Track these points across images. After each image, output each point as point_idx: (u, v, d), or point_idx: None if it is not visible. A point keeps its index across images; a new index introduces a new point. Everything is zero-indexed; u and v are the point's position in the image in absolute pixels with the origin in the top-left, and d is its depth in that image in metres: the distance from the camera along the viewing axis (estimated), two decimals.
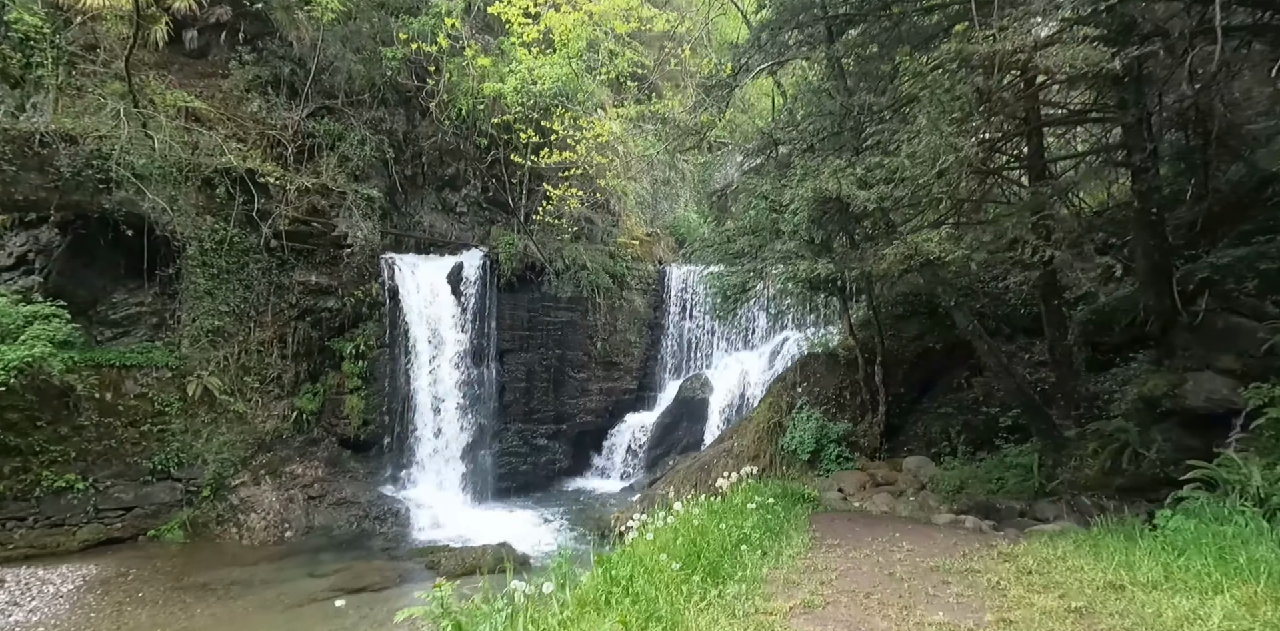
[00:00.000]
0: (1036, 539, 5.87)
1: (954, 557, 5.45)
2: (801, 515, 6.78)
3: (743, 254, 8.30)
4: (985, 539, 6.23)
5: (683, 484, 12.95)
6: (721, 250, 8.96)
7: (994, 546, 5.83)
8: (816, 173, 6.11)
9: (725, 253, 8.88)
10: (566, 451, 17.61)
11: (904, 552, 5.71)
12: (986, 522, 7.00)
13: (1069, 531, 6.05)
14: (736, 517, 5.54)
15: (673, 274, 19.80)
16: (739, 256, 8.49)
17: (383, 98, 15.54)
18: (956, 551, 5.69)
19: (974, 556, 5.48)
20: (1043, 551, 5.44)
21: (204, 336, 12.40)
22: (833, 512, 7.26)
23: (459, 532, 12.90)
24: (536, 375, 16.73)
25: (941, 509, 8.46)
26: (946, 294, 8.17)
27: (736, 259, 8.61)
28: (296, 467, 13.07)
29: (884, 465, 11.90)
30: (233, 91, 14.31)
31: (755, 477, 7.38)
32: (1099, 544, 5.37)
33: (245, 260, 12.84)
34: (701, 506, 5.78)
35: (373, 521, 12.84)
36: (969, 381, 13.45)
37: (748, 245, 8.01)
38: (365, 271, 13.94)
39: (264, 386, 13.06)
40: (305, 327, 13.45)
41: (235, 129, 13.83)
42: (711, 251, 9.24)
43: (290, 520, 12.33)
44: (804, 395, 13.05)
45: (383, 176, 15.53)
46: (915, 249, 5.65)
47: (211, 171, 12.33)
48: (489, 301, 15.76)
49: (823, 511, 7.26)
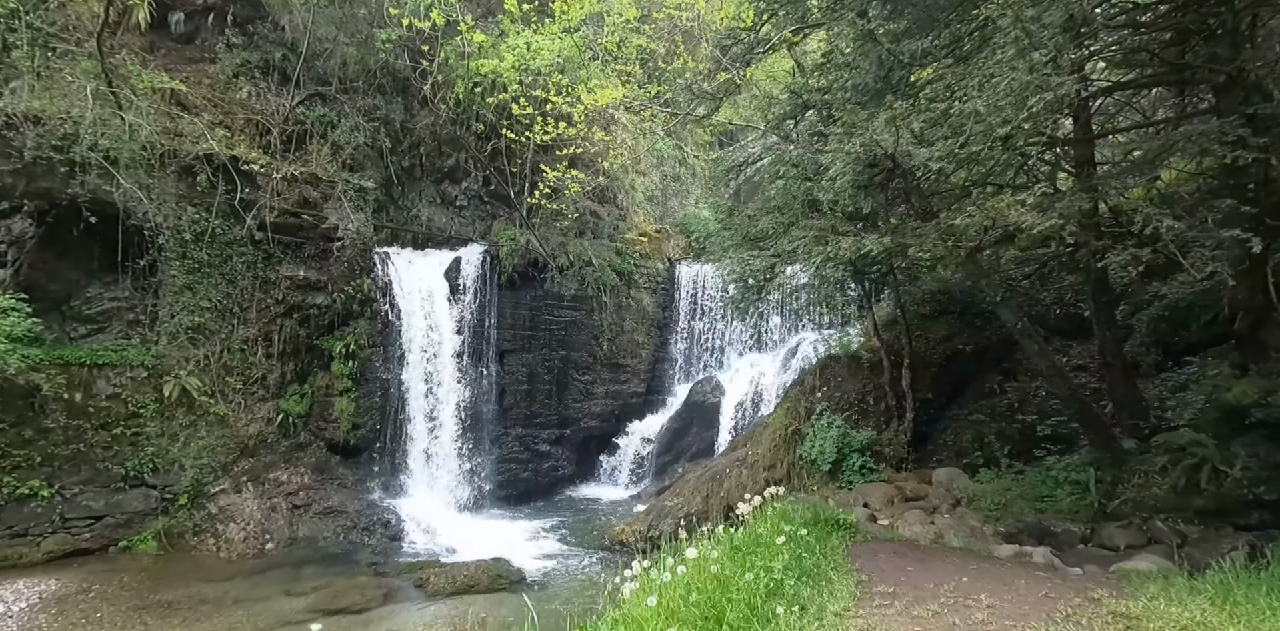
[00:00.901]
0: (1139, 584, 4.77)
1: (1055, 622, 4.36)
2: (838, 548, 5.74)
3: (766, 236, 7.31)
4: (1075, 585, 5.19)
5: (692, 495, 12.07)
6: (741, 233, 7.92)
7: (1096, 599, 4.72)
8: (865, 126, 5.15)
9: (745, 236, 7.83)
10: (570, 457, 16.75)
11: (984, 611, 4.58)
12: (1046, 550, 5.98)
13: (1171, 574, 5.02)
14: (764, 556, 4.56)
15: (683, 272, 18.93)
16: (761, 239, 7.48)
17: (379, 85, 14.79)
18: (1053, 610, 4.59)
19: (1080, 618, 4.37)
20: (1169, 612, 4.28)
21: (183, 334, 11.64)
22: (873, 542, 6.24)
23: (453, 545, 12.05)
24: (539, 377, 15.88)
25: (986, 530, 7.51)
26: (991, 289, 7.26)
27: (758, 243, 7.59)
28: (281, 474, 12.27)
29: (912, 477, 10.96)
30: (220, 77, 13.58)
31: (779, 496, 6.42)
32: (1232, 596, 4.28)
33: (228, 253, 12.07)
34: (720, 543, 4.80)
35: (361, 532, 12.02)
36: (1001, 386, 12.50)
37: (773, 225, 7.04)
38: (357, 266, 13.15)
39: (247, 387, 12.28)
40: (292, 325, 12.66)
41: (221, 115, 13.11)
42: (729, 235, 8.17)
43: (272, 531, 11.52)
44: (824, 400, 12.13)
45: (378, 167, 14.77)
46: (995, 217, 4.70)
47: (192, 158, 11.58)
48: (489, 299, 14.95)
49: (861, 540, 6.29)
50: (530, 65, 11.56)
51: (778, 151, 6.57)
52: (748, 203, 8.55)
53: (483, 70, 11.91)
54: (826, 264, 5.82)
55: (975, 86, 4.50)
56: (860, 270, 7.16)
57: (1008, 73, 4.20)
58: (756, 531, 5.32)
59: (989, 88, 4.34)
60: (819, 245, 5.76)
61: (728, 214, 7.73)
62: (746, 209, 8.19)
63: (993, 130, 4.39)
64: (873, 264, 6.62)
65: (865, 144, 5.01)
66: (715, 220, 10.29)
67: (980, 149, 4.55)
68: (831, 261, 5.80)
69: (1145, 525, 6.49)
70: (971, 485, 9.95)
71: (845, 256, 5.92)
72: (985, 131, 4.44)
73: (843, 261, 5.91)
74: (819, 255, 5.66)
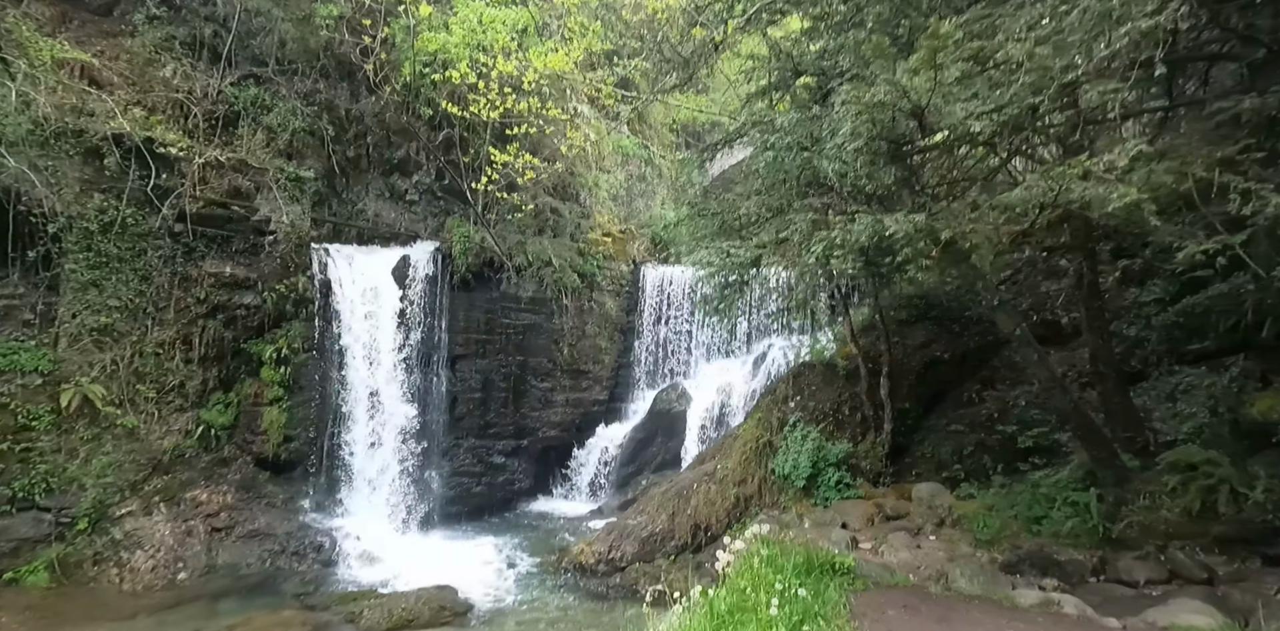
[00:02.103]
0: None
1: None
2: (840, 603, 4.83)
3: (751, 223, 6.36)
4: None
5: (657, 512, 11.21)
6: (719, 220, 6.90)
7: None
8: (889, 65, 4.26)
9: (724, 223, 6.82)
10: (527, 470, 15.72)
11: None
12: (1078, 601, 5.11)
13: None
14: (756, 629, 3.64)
15: (648, 274, 18.12)
16: (744, 227, 6.52)
17: (321, 67, 13.63)
18: None
19: None
20: None
21: (86, 336, 10.32)
22: (876, 591, 5.37)
23: (396, 570, 10.95)
24: (494, 384, 14.84)
25: (981, 557, 6.82)
26: (988, 292, 6.61)
27: (739, 232, 6.62)
28: (200, 493, 11.01)
29: (891, 493, 10.29)
30: (140, 52, 12.26)
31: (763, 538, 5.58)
32: None
33: (142, 246, 10.80)
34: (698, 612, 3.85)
35: (290, 558, 10.83)
36: (980, 395, 11.97)
37: (759, 210, 6.10)
38: (291, 263, 11.98)
39: (162, 396, 10.99)
40: (216, 327, 11.42)
41: (139, 94, 11.79)
42: (705, 223, 7.11)
43: (186, 558, 10.27)
44: (798, 410, 11.41)
45: (319, 157, 13.58)
46: (1059, 189, 3.91)
47: (99, 139, 10.31)
48: (440, 300, 13.88)
49: (862, 588, 5.45)
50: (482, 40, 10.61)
51: (765, 120, 5.68)
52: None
53: (430, 48, 10.90)
54: (831, 254, 4.88)
55: (1024, 27, 3.75)
56: (873, 261, 6.22)
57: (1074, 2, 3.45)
58: (741, 588, 4.43)
59: (1045, 26, 3.60)
60: (820, 230, 4.87)
61: (702, 195, 6.73)
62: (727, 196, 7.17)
63: (1047, 78, 3.61)
64: (888, 254, 5.75)
65: (890, 93, 4.13)
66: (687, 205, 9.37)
67: (1028, 104, 3.77)
68: (840, 249, 4.85)
69: (1163, 555, 5.89)
70: (955, 502, 9.31)
71: (859, 242, 4.97)
72: (1038, 80, 3.67)
73: (853, 250, 4.99)
74: (820, 242, 4.74)
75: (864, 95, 4.15)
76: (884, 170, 4.66)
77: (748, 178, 6.63)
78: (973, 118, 4.06)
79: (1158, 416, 9.24)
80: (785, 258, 5.39)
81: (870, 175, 4.71)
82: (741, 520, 10.82)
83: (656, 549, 10.83)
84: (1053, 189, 3.84)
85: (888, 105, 4.16)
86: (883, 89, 4.14)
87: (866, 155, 4.50)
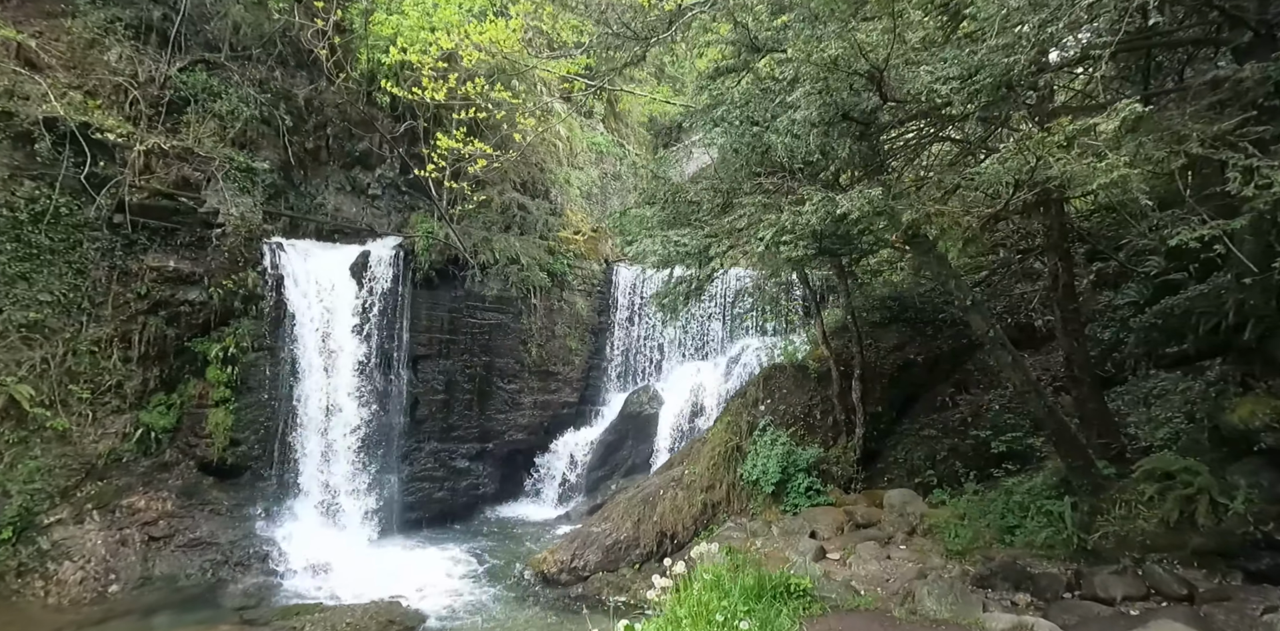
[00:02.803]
0: None
1: None
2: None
3: (701, 209, 5.80)
4: None
5: (622, 519, 10.82)
6: (671, 208, 6.30)
7: None
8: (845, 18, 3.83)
9: (676, 212, 6.24)
10: (493, 474, 15.23)
11: None
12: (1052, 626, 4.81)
13: None
14: None
15: (621, 274, 17.76)
16: (698, 215, 5.97)
17: (279, 55, 13.06)
18: None
19: None
20: None
21: (14, 332, 9.67)
22: (835, 615, 4.97)
23: (346, 581, 10.43)
24: (458, 386, 14.34)
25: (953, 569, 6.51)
26: (961, 291, 6.31)
27: (690, 219, 6.07)
28: (138, 500, 10.39)
29: (862, 499, 10.00)
30: (83, 34, 11.61)
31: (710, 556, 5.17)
32: None
33: (78, 237, 10.17)
34: None
35: (233, 568, 10.26)
36: (953, 399, 11.76)
37: (710, 195, 5.60)
38: (241, 257, 11.39)
39: (98, 397, 10.36)
40: (158, 324, 10.80)
41: (79, 78, 11.16)
42: (653, 212, 6.40)
43: (119, 569, 9.65)
44: (768, 414, 11.09)
45: (276, 148, 13.00)
46: (1036, 163, 3.49)
47: (30, 123, 9.69)
48: (402, 298, 13.35)
49: (819, 613, 5.04)
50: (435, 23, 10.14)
51: (716, 92, 5.23)
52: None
53: (385, 32, 10.42)
54: (781, 241, 4.38)
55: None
56: (829, 249, 5.67)
57: None
58: (677, 619, 4.01)
59: None
60: (769, 213, 4.40)
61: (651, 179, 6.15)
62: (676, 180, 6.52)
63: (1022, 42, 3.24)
64: (846, 242, 5.28)
65: (844, 50, 3.69)
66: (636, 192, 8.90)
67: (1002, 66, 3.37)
68: (790, 235, 4.40)
69: (1140, 569, 5.62)
70: (927, 509, 9.04)
71: (810, 226, 4.38)
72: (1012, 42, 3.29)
73: (805, 235, 4.54)
74: (770, 228, 4.27)
75: (814, 52, 3.71)
76: (839, 143, 4.21)
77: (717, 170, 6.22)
78: (939, 82, 3.66)
79: (1132, 421, 9.04)
80: (738, 247, 4.95)
81: (824, 150, 4.26)
82: (709, 527, 10.47)
83: (621, 557, 10.43)
84: (1028, 162, 3.46)
85: (842, 67, 3.73)
86: (835, 45, 3.71)
87: (820, 127, 4.07)
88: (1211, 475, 5.58)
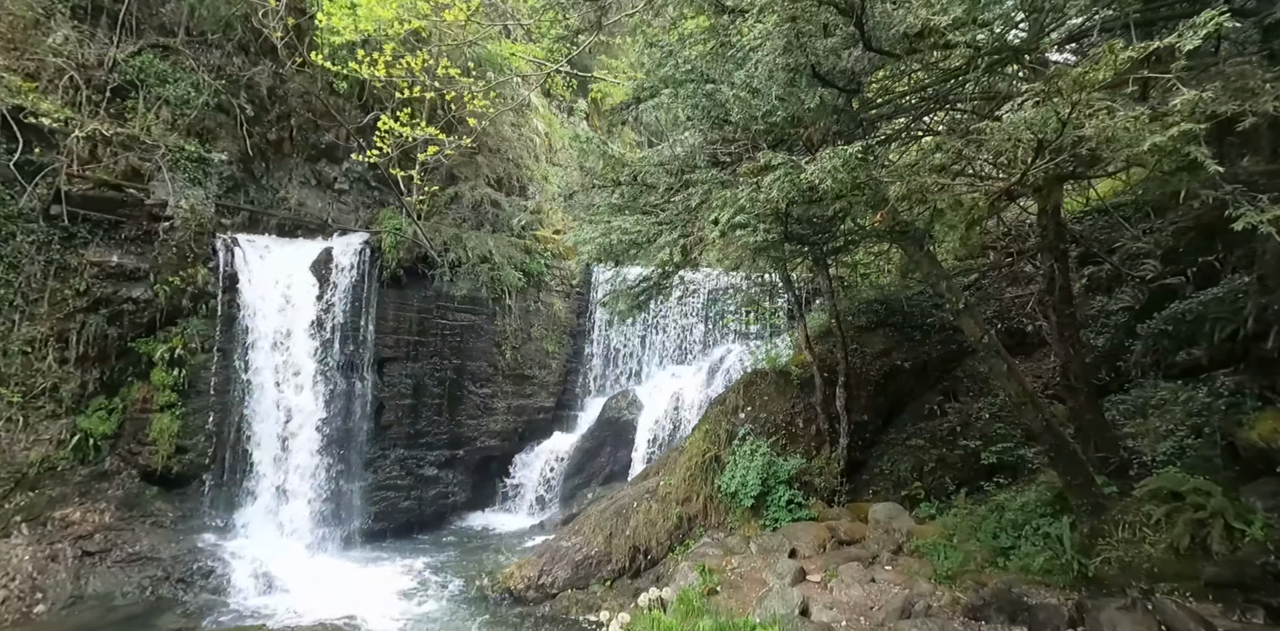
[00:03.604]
0: None
1: None
2: None
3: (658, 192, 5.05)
4: None
5: (594, 533, 10.24)
6: (624, 196, 5.44)
7: None
8: None
9: (627, 199, 5.39)
10: (464, 482, 14.60)
11: None
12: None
13: None
14: None
15: (600, 274, 17.16)
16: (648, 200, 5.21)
17: (239, 41, 12.40)
18: None
19: None
20: None
21: None
22: None
23: (297, 599, 9.77)
24: (427, 390, 13.69)
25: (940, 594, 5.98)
26: (954, 293, 5.80)
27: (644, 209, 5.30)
28: (72, 512, 9.68)
29: (846, 513, 9.47)
30: (25, 15, 10.92)
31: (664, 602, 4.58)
32: None
33: (10, 229, 9.47)
34: None
35: (175, 585, 9.56)
36: (942, 408, 11.28)
37: (665, 178, 4.83)
38: (190, 252, 10.72)
39: (30, 401, 9.65)
40: (98, 323, 10.10)
41: (18, 60, 10.47)
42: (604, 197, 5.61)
43: (47, 587, 8.94)
44: (748, 422, 10.54)
45: (235, 138, 12.34)
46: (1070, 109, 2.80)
47: None
48: (367, 298, 12.70)
49: None
50: None
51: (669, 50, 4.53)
52: None
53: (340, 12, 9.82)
54: (736, 223, 3.62)
55: None
56: (798, 235, 4.91)
57: None
58: None
59: None
60: (723, 189, 3.83)
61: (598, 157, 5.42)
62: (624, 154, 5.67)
63: None
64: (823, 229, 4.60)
65: None
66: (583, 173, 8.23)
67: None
68: (746, 215, 3.64)
69: (1149, 602, 5.11)
70: (914, 525, 8.52)
71: (771, 202, 3.50)
72: None
73: (766, 215, 3.75)
74: (727, 208, 3.56)
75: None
76: (807, 93, 3.48)
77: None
78: (938, 12, 3.02)
79: (1129, 433, 8.58)
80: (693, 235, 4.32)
81: (787, 100, 3.48)
82: (685, 542, 9.91)
83: (591, 574, 9.85)
84: (1059, 113, 2.80)
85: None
86: None
87: (783, 72, 3.34)
88: (1225, 496, 5.09)
